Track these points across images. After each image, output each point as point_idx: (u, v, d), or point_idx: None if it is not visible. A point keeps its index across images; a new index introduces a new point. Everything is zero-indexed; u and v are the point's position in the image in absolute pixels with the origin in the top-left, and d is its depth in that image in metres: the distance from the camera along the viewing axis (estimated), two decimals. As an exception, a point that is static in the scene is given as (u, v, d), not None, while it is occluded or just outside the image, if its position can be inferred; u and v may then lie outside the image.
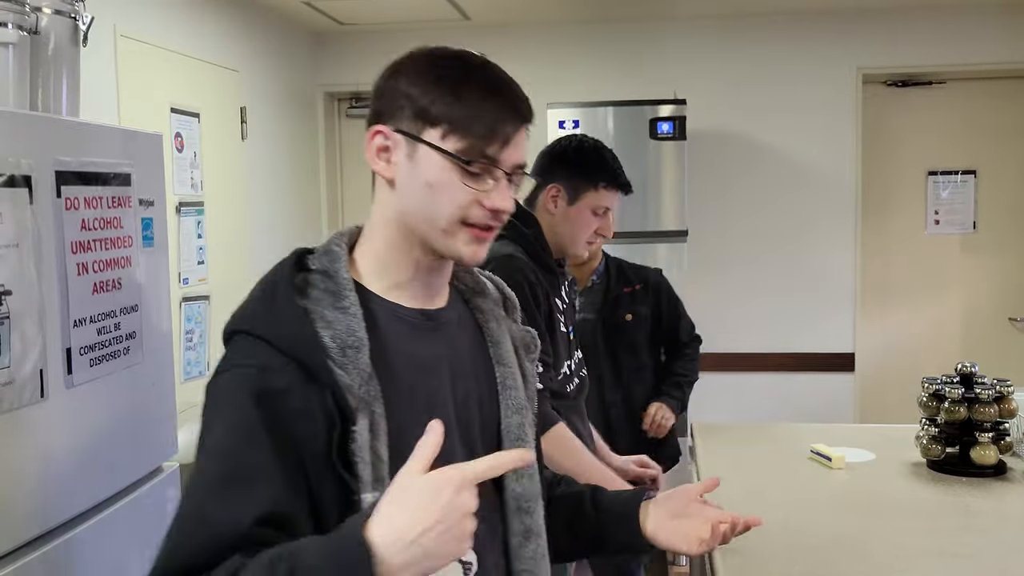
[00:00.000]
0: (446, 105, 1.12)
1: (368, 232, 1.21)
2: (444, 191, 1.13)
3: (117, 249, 1.96)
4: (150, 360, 2.12)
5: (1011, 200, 4.87)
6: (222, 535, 0.98)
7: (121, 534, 2.01)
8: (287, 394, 1.04)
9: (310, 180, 5.05)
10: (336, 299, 1.11)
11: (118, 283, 1.96)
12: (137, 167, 2.05)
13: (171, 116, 3.63)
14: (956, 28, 4.68)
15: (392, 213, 1.17)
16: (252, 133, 4.30)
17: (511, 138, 1.16)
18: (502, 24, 4.89)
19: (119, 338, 1.97)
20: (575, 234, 2.26)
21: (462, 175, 1.13)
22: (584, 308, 3.02)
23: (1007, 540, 1.97)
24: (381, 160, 1.16)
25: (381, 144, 1.16)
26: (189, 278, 3.71)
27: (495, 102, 1.16)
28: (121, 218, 1.97)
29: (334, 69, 5.10)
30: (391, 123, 1.16)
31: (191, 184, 3.75)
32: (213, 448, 1.05)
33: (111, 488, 2.00)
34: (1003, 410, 2.45)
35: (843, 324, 4.85)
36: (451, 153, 1.12)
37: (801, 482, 2.42)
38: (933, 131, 4.91)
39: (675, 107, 4.24)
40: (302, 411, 1.04)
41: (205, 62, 3.91)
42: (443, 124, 1.12)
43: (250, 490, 1.00)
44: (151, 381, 2.14)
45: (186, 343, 3.66)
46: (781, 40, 4.79)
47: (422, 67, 1.17)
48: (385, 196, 1.17)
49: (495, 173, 1.15)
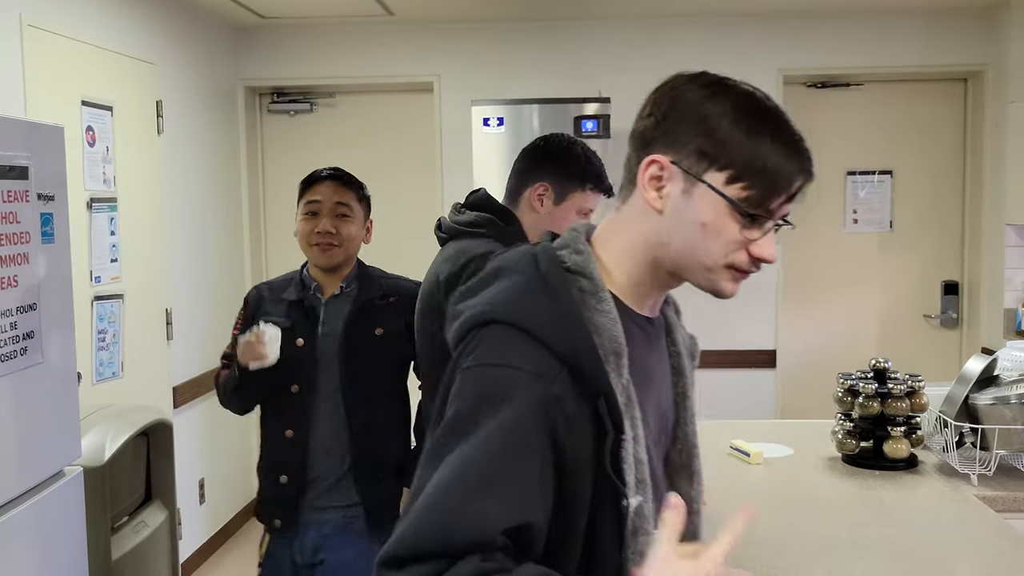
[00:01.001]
0: (741, 152, 1.08)
1: (614, 239, 1.16)
2: (718, 235, 1.09)
3: (13, 245, 1.87)
4: (51, 361, 2.04)
5: (926, 200, 4.99)
6: (472, 535, 0.96)
7: (19, 540, 1.93)
8: (562, 401, 1.03)
9: (231, 176, 4.94)
10: (598, 301, 1.08)
11: (14, 280, 1.88)
12: (36, 160, 1.96)
13: (82, 109, 3.51)
14: (874, 32, 4.77)
15: (652, 238, 1.13)
16: (169, 128, 4.18)
17: (796, 195, 1.12)
18: (425, 20, 4.85)
19: (15, 338, 1.89)
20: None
21: (740, 222, 1.09)
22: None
23: (918, 532, 2.00)
24: (651, 189, 1.11)
25: (655, 174, 1.11)
26: (101, 276, 3.59)
27: (794, 161, 1.11)
28: (17, 213, 1.89)
29: (255, 63, 5.00)
30: (670, 153, 1.10)
31: (103, 179, 3.64)
32: (482, 445, 1.00)
33: (9, 492, 1.92)
34: (915, 404, 2.49)
35: (765, 321, 4.92)
36: (734, 202, 1.08)
37: (720, 478, 2.43)
38: (852, 132, 5.00)
39: (599, 105, 4.26)
40: (575, 419, 1.03)
41: (119, 54, 3.79)
42: (731, 169, 1.08)
43: (510, 499, 0.99)
44: (51, 382, 2.05)
45: (98, 343, 3.55)
46: (704, 40, 4.83)
47: (720, 103, 1.11)
48: (646, 219, 1.13)
49: (768, 224, 1.11)
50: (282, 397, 2.37)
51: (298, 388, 2.36)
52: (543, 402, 1.01)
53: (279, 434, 2.38)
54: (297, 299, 2.41)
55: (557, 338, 1.04)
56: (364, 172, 2.70)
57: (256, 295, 2.49)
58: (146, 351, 3.91)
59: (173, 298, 4.15)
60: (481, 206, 2.18)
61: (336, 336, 2.38)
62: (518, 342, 1.04)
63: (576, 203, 2.20)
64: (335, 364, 2.37)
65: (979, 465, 2.37)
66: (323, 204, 2.39)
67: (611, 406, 1.04)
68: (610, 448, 1.03)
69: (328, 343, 2.38)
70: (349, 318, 2.39)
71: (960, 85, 4.95)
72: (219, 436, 4.66)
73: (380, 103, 5.16)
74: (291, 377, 2.35)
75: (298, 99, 5.15)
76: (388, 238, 4.92)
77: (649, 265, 1.14)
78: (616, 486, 1.04)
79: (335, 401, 2.37)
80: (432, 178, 5.00)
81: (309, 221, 2.39)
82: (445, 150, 4.94)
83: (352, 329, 2.38)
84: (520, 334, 1.05)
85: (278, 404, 2.39)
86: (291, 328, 2.36)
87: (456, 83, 4.91)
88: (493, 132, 4.27)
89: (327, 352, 2.37)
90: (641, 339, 1.15)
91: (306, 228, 2.39)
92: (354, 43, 4.95)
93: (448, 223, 2.19)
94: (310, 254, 2.41)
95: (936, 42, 4.76)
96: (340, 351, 2.37)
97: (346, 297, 2.43)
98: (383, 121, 5.15)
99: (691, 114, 1.11)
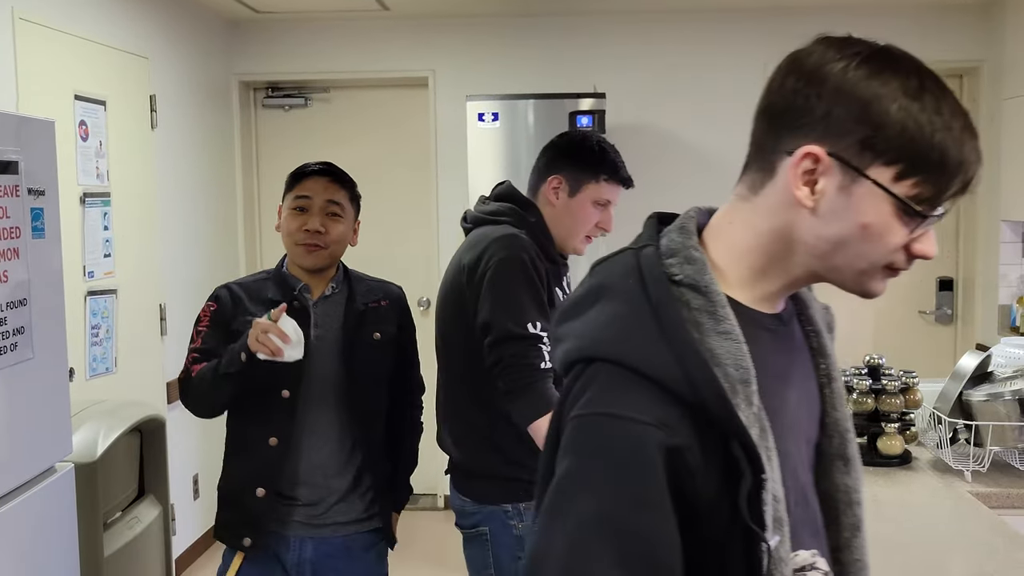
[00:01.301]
0: (913, 143, 0.91)
1: (737, 232, 1.01)
2: (880, 237, 0.95)
3: (2, 240, 1.86)
4: (42, 356, 2.03)
5: (921, 196, 4.99)
6: None
7: (10, 537, 1.92)
8: (687, 451, 0.89)
9: (225, 171, 4.92)
10: (715, 322, 0.94)
11: (3, 276, 1.87)
12: (26, 155, 1.95)
13: (75, 103, 3.49)
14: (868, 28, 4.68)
15: (794, 235, 0.98)
16: (162, 122, 4.17)
17: (971, 185, 0.97)
18: (421, 15, 4.83)
19: (6, 333, 1.88)
20: (574, 227, 2.26)
21: (907, 223, 0.95)
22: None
23: (912, 528, 2.00)
24: (804, 185, 0.95)
25: (809, 168, 0.94)
26: (95, 271, 3.58)
27: (970, 147, 0.94)
28: (7, 208, 1.88)
29: (250, 58, 4.99)
30: (826, 143, 0.93)
31: (96, 174, 3.62)
32: (600, 511, 0.89)
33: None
34: (909, 401, 2.49)
35: (760, 317, 4.91)
36: (905, 201, 0.93)
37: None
38: (847, 127, 4.99)
39: (595, 101, 4.25)
40: (703, 467, 0.90)
41: (112, 48, 3.78)
42: (901, 164, 0.92)
43: (637, 565, 0.88)
44: (42, 378, 2.04)
45: (92, 338, 3.54)
46: (700, 36, 4.83)
47: (885, 83, 0.93)
48: (787, 214, 0.97)
49: (932, 218, 0.96)
50: (267, 402, 2.17)
51: (289, 394, 2.17)
52: (664, 455, 0.89)
53: (259, 442, 2.17)
54: (285, 300, 2.19)
55: (675, 379, 0.90)
56: (359, 167, 2.69)
57: (228, 294, 2.26)
58: (140, 346, 3.90)
59: (167, 293, 4.14)
60: (505, 197, 2.29)
61: (332, 340, 2.23)
62: (629, 386, 0.91)
63: (591, 194, 2.24)
64: (333, 370, 2.22)
65: (973, 461, 2.37)
66: (313, 201, 2.22)
67: (746, 447, 0.90)
68: (748, 492, 0.90)
69: (323, 347, 2.21)
70: (347, 321, 2.25)
71: (956, 81, 4.94)
72: (213, 432, 4.63)
73: (375, 98, 5.14)
74: (281, 381, 2.15)
75: (293, 94, 5.13)
76: (383, 233, 4.92)
77: (782, 264, 1.00)
78: (755, 532, 0.91)
79: (334, 410, 2.22)
80: (427, 173, 4.99)
81: (297, 217, 2.22)
82: (440, 145, 4.93)
83: (352, 333, 2.24)
84: (630, 376, 0.91)
85: (260, 409, 2.18)
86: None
87: (451, 78, 4.90)
88: (488, 127, 4.26)
89: (321, 357, 2.20)
90: (771, 342, 1.01)
91: (293, 225, 2.22)
92: (349, 38, 4.93)
93: (473, 213, 2.32)
94: (294, 253, 2.24)
95: (931, 38, 4.75)
96: (341, 356, 2.22)
97: (336, 299, 2.28)
98: (378, 116, 5.14)
99: (850, 96, 0.93)
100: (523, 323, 2.05)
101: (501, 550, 2.23)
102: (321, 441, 2.21)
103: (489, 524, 2.23)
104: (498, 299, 2.09)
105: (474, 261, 2.15)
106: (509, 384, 2.05)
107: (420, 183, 5.04)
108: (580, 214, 2.24)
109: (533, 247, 2.16)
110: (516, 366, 2.03)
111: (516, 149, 4.27)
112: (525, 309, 2.07)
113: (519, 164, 4.23)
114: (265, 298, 2.22)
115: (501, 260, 2.11)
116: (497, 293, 2.09)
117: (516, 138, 4.27)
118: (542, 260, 2.17)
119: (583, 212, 2.24)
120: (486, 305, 2.10)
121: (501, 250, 2.13)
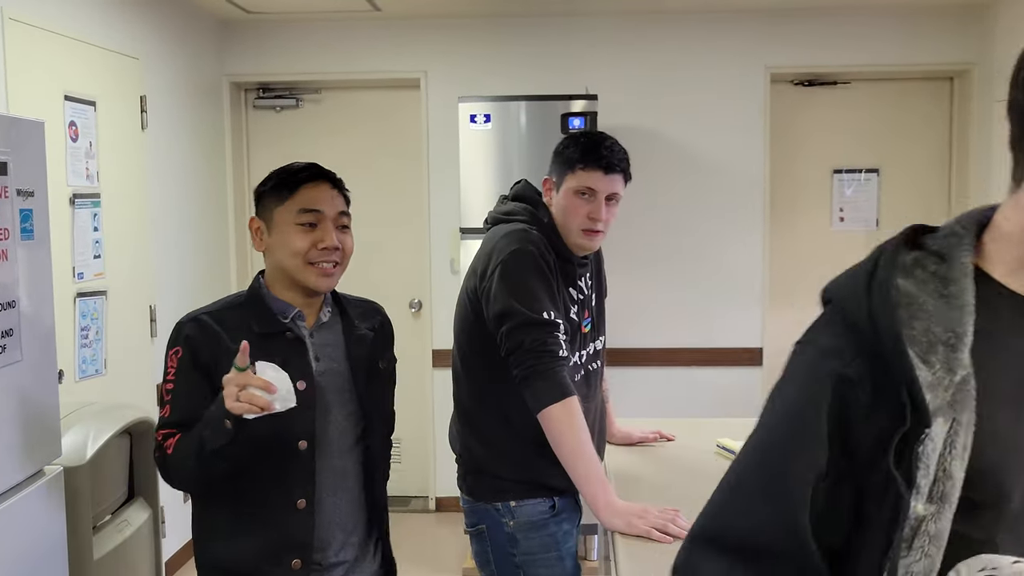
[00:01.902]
0: None
1: (1007, 224, 0.99)
2: None
3: (-9, 241, 1.85)
4: (30, 358, 2.01)
5: (912, 198, 5.00)
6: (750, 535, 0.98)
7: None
8: (857, 385, 0.94)
9: (216, 172, 4.91)
10: (943, 284, 0.96)
11: (-8, 277, 1.86)
12: (14, 155, 1.94)
13: (65, 104, 3.48)
14: (862, 31, 4.78)
15: None
16: (153, 123, 4.15)
17: None
18: (412, 16, 4.83)
19: (-6, 336, 1.87)
20: (566, 221, 2.28)
21: None
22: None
23: (903, 531, 1.99)
24: None
25: None
26: (84, 272, 3.56)
27: None
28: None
29: (241, 58, 4.97)
30: None
31: (86, 175, 3.60)
32: (766, 431, 1.03)
33: (-13, 494, 1.90)
34: (901, 403, 2.49)
35: (751, 319, 4.92)
36: None
37: (708, 476, 2.41)
38: (838, 130, 5.01)
39: (587, 102, 4.24)
40: (868, 406, 0.94)
41: (102, 48, 3.76)
42: None
43: (779, 497, 0.98)
44: (31, 380, 2.03)
45: (81, 340, 3.52)
46: (692, 38, 4.83)
47: None
48: None
49: None
50: (283, 459, 1.85)
51: (307, 445, 1.86)
52: (836, 382, 0.95)
53: (284, 507, 1.85)
54: (276, 330, 1.89)
55: (861, 317, 0.96)
56: (350, 168, 2.69)
57: (199, 329, 1.85)
58: (130, 348, 3.88)
59: (157, 295, 4.12)
60: (520, 196, 2.37)
61: (338, 374, 1.95)
62: (830, 319, 1.02)
63: (571, 186, 2.28)
64: (347, 410, 1.95)
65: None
66: (324, 214, 1.90)
67: (912, 394, 0.91)
68: (901, 438, 0.91)
69: (331, 383, 1.93)
70: (350, 351, 1.97)
71: (947, 84, 4.96)
72: (204, 434, 4.63)
73: (366, 99, 5.13)
74: (294, 431, 1.84)
75: (284, 94, 5.12)
76: (374, 234, 4.91)
77: None
78: (898, 481, 0.91)
79: (348, 454, 1.95)
80: (419, 174, 4.98)
81: (306, 234, 1.87)
82: (432, 146, 4.92)
83: (359, 364, 1.97)
84: (835, 311, 1.02)
85: (277, 469, 1.85)
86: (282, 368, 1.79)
87: (443, 79, 4.89)
88: (480, 129, 4.26)
89: (332, 394, 1.92)
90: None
91: (302, 243, 1.87)
92: (340, 38, 4.92)
93: (492, 214, 2.40)
94: (304, 275, 1.88)
95: (923, 40, 4.77)
96: (353, 392, 1.96)
97: (332, 326, 1.99)
98: (369, 117, 5.13)
99: None
100: (538, 310, 2.10)
101: (496, 547, 2.27)
102: (340, 493, 1.94)
103: (485, 522, 2.29)
104: (512, 288, 2.13)
105: (485, 258, 2.22)
106: (527, 369, 2.08)
107: (412, 184, 5.03)
108: (567, 207, 2.28)
109: (543, 242, 2.22)
110: (536, 352, 2.08)
111: (508, 150, 4.26)
112: (539, 297, 2.12)
113: (511, 165, 4.22)
114: (249, 330, 1.84)
115: (511, 253, 2.17)
116: (510, 283, 2.13)
117: (508, 139, 4.27)
118: (551, 254, 2.22)
119: (569, 205, 2.27)
120: (500, 296, 2.14)
121: (510, 244, 2.19)
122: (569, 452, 2.08)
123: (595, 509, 2.06)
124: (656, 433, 2.77)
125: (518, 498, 2.25)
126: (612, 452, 2.66)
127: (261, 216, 1.93)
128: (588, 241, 2.29)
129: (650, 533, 1.94)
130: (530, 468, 2.22)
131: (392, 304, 1.53)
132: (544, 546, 2.26)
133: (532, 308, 2.09)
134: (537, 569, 2.26)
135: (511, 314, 2.10)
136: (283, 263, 1.89)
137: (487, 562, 2.31)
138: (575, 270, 2.31)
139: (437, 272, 4.97)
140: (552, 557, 2.27)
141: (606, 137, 2.31)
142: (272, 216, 1.91)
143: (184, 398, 1.81)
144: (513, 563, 2.26)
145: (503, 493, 2.24)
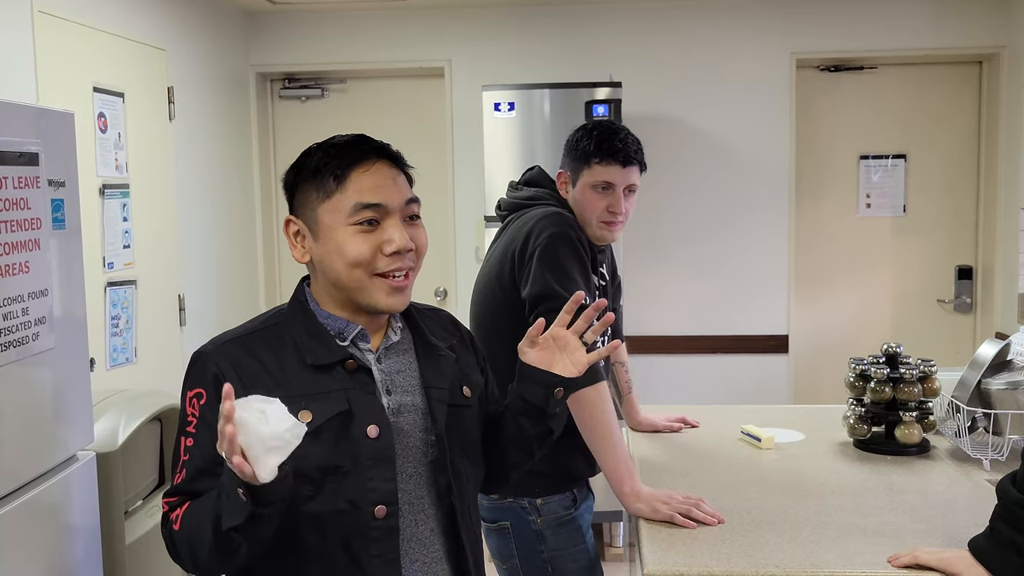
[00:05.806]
0: None
1: None
2: None
3: (24, 231, 1.88)
4: (63, 346, 2.05)
5: (939, 184, 4.96)
6: None
7: (33, 524, 1.94)
8: None
9: (242, 162, 4.95)
10: None
11: (26, 266, 1.89)
12: (46, 146, 1.97)
13: (94, 95, 3.52)
14: (888, 15, 4.73)
15: None
16: (180, 114, 4.19)
17: None
18: (437, 5, 4.83)
19: (27, 323, 1.90)
20: (585, 215, 2.29)
21: None
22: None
23: (929, 517, 1.99)
24: None
25: None
26: (114, 262, 3.61)
27: None
28: (28, 199, 1.90)
29: (267, 49, 5.00)
30: None
31: (116, 166, 3.65)
32: None
33: (22, 477, 1.93)
34: (927, 389, 2.48)
35: (777, 306, 4.90)
36: None
37: (731, 463, 2.43)
38: (865, 116, 4.97)
39: (611, 90, 4.24)
40: None
41: (130, 40, 3.80)
42: None
43: None
44: (64, 368, 2.06)
45: (112, 329, 3.57)
46: (716, 24, 4.81)
47: None
48: None
49: None
50: (354, 534, 1.41)
51: (386, 511, 1.42)
52: None
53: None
54: (334, 360, 1.43)
55: None
56: (374, 157, 2.69)
57: (229, 363, 1.40)
58: (159, 337, 3.93)
59: (186, 284, 4.17)
60: (539, 181, 2.36)
61: (414, 410, 1.49)
62: None
63: (587, 181, 2.28)
64: (429, 456, 1.50)
65: (991, 450, 2.36)
66: (389, 207, 1.47)
67: None
68: None
69: (407, 424, 1.48)
70: (426, 377, 1.52)
71: (975, 68, 4.90)
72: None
73: (391, 88, 5.15)
74: (365, 492, 1.40)
75: (309, 85, 5.15)
76: (399, 224, 4.93)
77: None
78: None
79: (434, 515, 1.51)
80: (443, 163, 5.00)
81: (367, 236, 1.44)
82: (456, 135, 4.93)
83: (441, 394, 1.52)
84: None
85: (347, 551, 1.41)
86: (348, 412, 1.40)
87: (467, 68, 4.90)
88: (504, 117, 4.26)
89: (410, 439, 1.48)
90: None
91: (364, 249, 1.43)
92: (365, 28, 4.94)
93: (508, 200, 2.38)
94: (369, 292, 1.44)
95: (951, 24, 4.72)
96: (434, 432, 1.50)
97: (403, 346, 1.54)
98: (394, 106, 5.14)
99: None
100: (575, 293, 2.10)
101: (523, 544, 2.27)
102: (427, 565, 1.50)
103: (509, 519, 2.28)
104: (552, 270, 2.13)
105: (523, 242, 2.20)
106: None
107: (436, 173, 5.04)
108: (584, 202, 2.28)
109: (577, 224, 2.23)
110: None
111: (532, 138, 4.26)
112: (577, 281, 2.13)
113: (535, 153, 4.22)
114: (299, 361, 1.43)
115: (551, 235, 2.17)
116: (550, 265, 2.13)
117: (532, 128, 4.27)
118: (585, 236, 2.24)
119: (586, 199, 2.28)
120: (538, 277, 2.13)
121: (550, 226, 2.19)
122: (600, 435, 2.09)
123: (620, 494, 2.06)
124: (680, 419, 2.77)
125: (544, 494, 2.25)
126: (636, 439, 2.67)
127: (299, 215, 1.48)
128: (608, 232, 2.30)
129: (674, 518, 1.95)
130: (555, 455, 2.23)
131: (417, 293, 1.36)
132: (571, 540, 2.28)
133: (570, 291, 2.08)
134: (565, 563, 2.27)
135: (549, 296, 2.10)
136: (338, 278, 1.45)
137: (510, 555, 2.30)
138: (596, 257, 2.33)
139: (462, 260, 4.99)
140: (579, 550, 2.28)
141: (619, 128, 2.30)
142: (316, 216, 1.46)
143: (207, 460, 1.36)
144: (541, 559, 2.27)
145: (529, 488, 2.23)
